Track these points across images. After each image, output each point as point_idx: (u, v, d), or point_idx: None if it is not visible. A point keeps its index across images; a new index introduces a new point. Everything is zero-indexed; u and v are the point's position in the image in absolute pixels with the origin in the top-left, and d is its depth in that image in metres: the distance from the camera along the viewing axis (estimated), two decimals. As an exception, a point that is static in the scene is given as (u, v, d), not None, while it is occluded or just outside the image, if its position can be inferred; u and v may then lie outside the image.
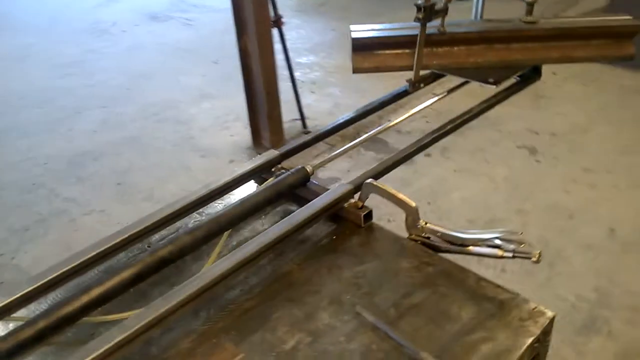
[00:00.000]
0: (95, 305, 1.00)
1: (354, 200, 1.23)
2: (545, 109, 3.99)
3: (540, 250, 1.05)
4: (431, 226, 1.15)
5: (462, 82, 1.65)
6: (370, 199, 1.22)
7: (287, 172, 1.27)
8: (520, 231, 1.06)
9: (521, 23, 1.65)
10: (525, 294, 1.04)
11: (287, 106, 3.73)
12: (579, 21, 1.67)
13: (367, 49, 1.61)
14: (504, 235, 1.07)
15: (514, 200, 3.11)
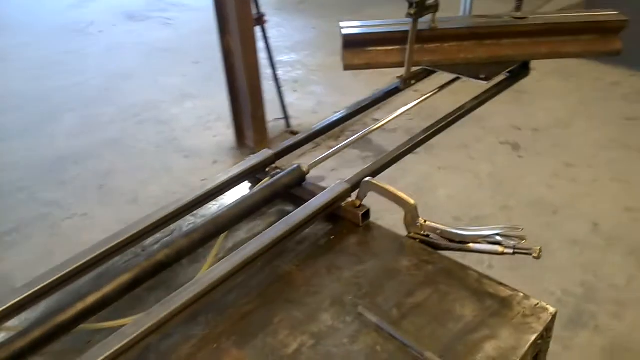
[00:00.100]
0: (91, 313, 0.97)
1: (351, 199, 1.22)
2: (526, 104, 4.02)
3: (541, 247, 1.05)
4: (431, 224, 1.14)
5: (453, 79, 1.65)
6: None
7: (282, 172, 1.25)
8: (521, 227, 1.05)
9: (511, 19, 1.65)
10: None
11: (269, 105, 3.71)
12: (567, 17, 1.68)
13: (358, 45, 1.60)
14: (504, 232, 1.07)
15: (498, 196, 3.13)
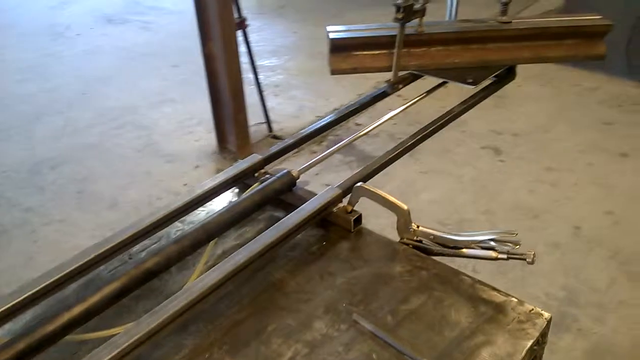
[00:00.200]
0: (78, 323, 0.94)
1: (343, 204, 1.21)
2: (506, 109, 4.05)
3: (535, 252, 1.05)
4: (424, 229, 1.13)
5: (440, 83, 1.65)
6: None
7: (272, 177, 1.23)
8: (516, 232, 1.05)
9: (496, 23, 1.66)
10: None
11: (251, 110, 3.68)
12: (552, 21, 1.68)
13: (345, 49, 1.59)
14: (498, 237, 1.06)
15: (481, 201, 3.15)
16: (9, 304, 0.97)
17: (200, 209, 1.27)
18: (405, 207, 1.12)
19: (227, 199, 1.32)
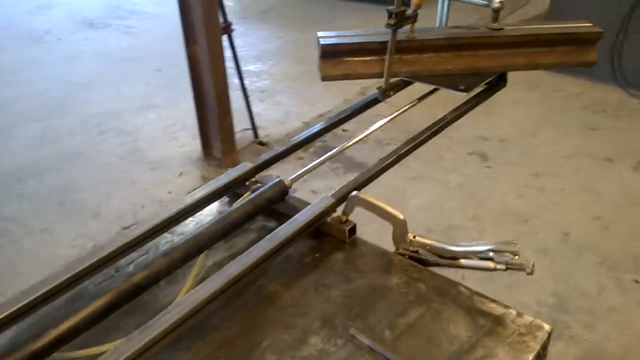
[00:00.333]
0: (65, 340, 0.91)
1: (337, 214, 1.18)
2: (492, 114, 4.05)
3: (534, 262, 1.03)
4: (420, 239, 1.10)
5: (431, 90, 1.63)
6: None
7: (264, 187, 1.20)
8: (515, 242, 1.03)
9: (488, 30, 1.64)
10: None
11: (236, 115, 3.64)
12: (544, 28, 1.67)
13: (336, 55, 1.56)
14: (496, 247, 1.04)
15: (469, 207, 3.14)
16: (-9, 321, 0.93)
17: (190, 219, 1.23)
18: (401, 217, 1.10)
19: (217, 208, 1.29)
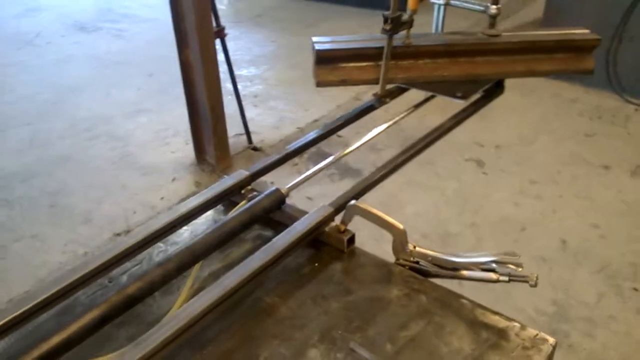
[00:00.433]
0: (56, 354, 0.87)
1: (335, 223, 1.15)
2: (487, 120, 4.03)
3: (537, 274, 1.01)
4: (421, 250, 1.08)
5: (428, 97, 1.60)
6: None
7: (260, 195, 1.18)
8: (519, 254, 1.01)
9: (485, 36, 1.62)
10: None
11: (230, 120, 3.59)
12: (541, 35, 1.66)
13: (331, 61, 1.54)
14: (499, 258, 1.02)
15: (465, 214, 3.11)
16: (-22, 335, 0.89)
17: (184, 228, 1.20)
18: (401, 227, 1.07)
19: (212, 217, 1.26)
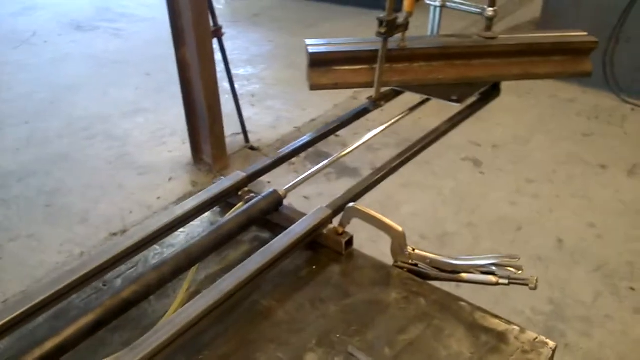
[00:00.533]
0: (50, 359, 0.86)
1: (333, 225, 1.14)
2: (483, 120, 4.02)
3: (537, 277, 1.00)
4: (420, 252, 1.07)
5: (423, 100, 1.58)
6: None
7: (258, 197, 1.16)
8: (518, 257, 1.00)
9: (481, 39, 1.60)
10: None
11: (227, 120, 3.58)
12: (538, 37, 1.64)
13: (325, 64, 1.51)
14: (499, 261, 1.01)
15: (463, 213, 3.11)
16: (-30, 340, 0.88)
17: (181, 230, 1.19)
18: (400, 229, 1.06)
19: (209, 219, 1.25)
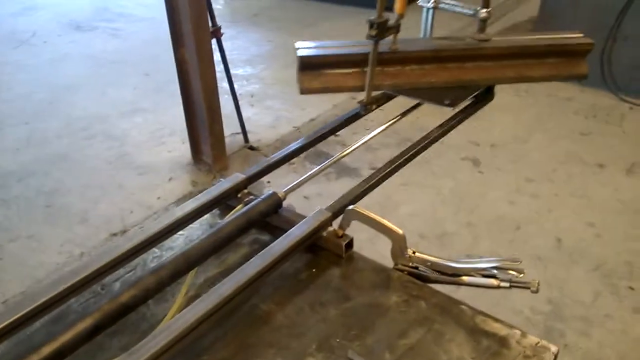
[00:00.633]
0: (47, 365, 0.85)
1: (333, 228, 1.13)
2: (482, 119, 3.99)
3: (539, 280, 1.00)
4: (420, 255, 1.06)
5: (416, 104, 1.56)
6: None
7: (257, 199, 1.16)
8: (520, 260, 0.99)
9: (474, 41, 1.56)
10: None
11: (226, 120, 3.56)
12: (533, 39, 1.59)
13: (315, 67, 1.47)
14: (500, 264, 1.00)
15: (462, 213, 3.10)
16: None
17: (180, 232, 1.18)
18: (400, 232, 1.06)
19: (208, 222, 1.24)
